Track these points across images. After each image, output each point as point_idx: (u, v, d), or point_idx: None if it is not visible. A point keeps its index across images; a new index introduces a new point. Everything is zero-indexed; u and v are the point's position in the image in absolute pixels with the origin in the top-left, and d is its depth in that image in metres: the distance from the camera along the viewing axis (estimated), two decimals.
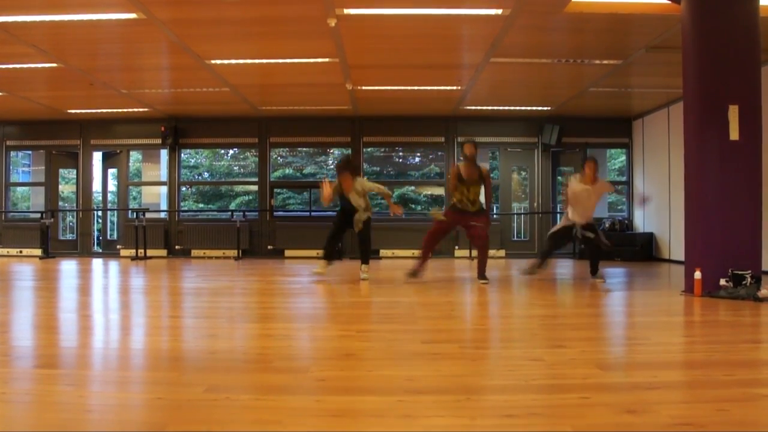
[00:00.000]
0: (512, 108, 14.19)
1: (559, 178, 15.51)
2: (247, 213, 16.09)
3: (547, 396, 3.10)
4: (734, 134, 6.94)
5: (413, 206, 20.45)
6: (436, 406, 2.89)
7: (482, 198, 8.82)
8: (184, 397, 2.99)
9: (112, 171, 16.45)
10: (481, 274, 8.73)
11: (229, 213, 16.66)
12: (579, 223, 8.98)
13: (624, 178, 16.31)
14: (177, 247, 15.13)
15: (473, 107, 14.04)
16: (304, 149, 20.13)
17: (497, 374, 3.55)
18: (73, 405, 2.89)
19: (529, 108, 14.18)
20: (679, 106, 10.53)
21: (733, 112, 6.94)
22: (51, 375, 3.45)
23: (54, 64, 10.17)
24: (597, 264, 9.13)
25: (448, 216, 8.78)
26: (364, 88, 12.12)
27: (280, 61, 10.17)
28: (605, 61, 10.13)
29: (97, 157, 16.15)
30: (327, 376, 3.42)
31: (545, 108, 14.11)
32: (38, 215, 15.08)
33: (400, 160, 21.09)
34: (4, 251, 15.17)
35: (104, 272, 11.05)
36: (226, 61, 10.20)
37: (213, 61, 10.16)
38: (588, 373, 3.48)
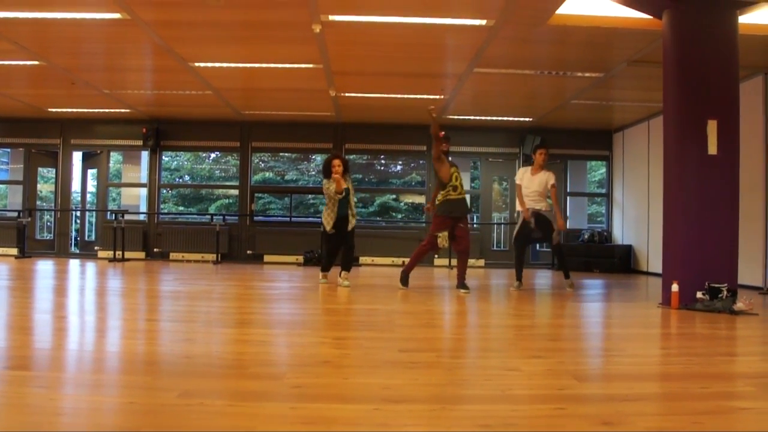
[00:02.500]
0: (494, 118, 14.25)
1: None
2: (227, 217, 16.02)
3: (523, 406, 3.09)
4: (713, 149, 7.01)
5: (394, 214, 20.46)
6: (412, 415, 2.88)
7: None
8: (158, 402, 2.96)
9: (91, 171, 16.34)
10: (462, 283, 8.69)
11: (209, 216, 16.58)
12: (532, 209, 8.96)
13: (604, 190, 16.42)
14: (155, 249, 15.04)
15: (456, 116, 14.09)
16: (286, 154, 20.08)
17: (474, 384, 3.54)
18: (44, 408, 2.85)
19: (511, 118, 14.24)
20: (659, 120, 10.63)
21: (712, 127, 7.01)
22: (23, 377, 3.40)
23: (36, 62, 10.10)
24: (566, 269, 9.32)
25: (444, 227, 8.62)
26: (347, 94, 12.13)
27: (264, 65, 10.16)
28: (587, 74, 10.21)
29: (77, 157, 16.04)
30: (303, 383, 3.40)
31: (527, 119, 14.18)
32: (15, 214, 14.92)
33: (382, 168, 21.09)
34: None
35: (81, 273, 10.96)
36: (209, 64, 10.17)
37: (197, 64, 10.13)
38: (564, 384, 3.49)
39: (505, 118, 14.26)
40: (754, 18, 7.56)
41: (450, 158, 8.77)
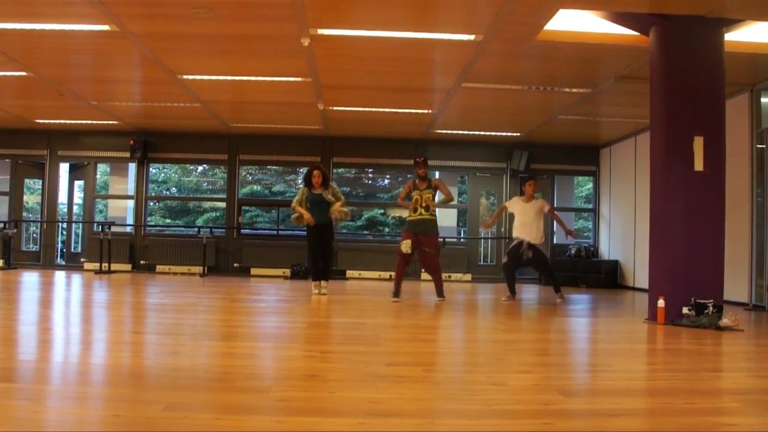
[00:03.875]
0: (482, 133, 14.30)
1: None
2: (214, 230, 15.96)
3: (510, 421, 3.09)
4: (699, 165, 7.05)
5: (381, 228, 20.45)
6: (398, 429, 2.87)
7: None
8: (143, 415, 2.94)
9: (78, 183, 16.25)
10: (440, 293, 9.17)
11: (196, 229, 16.52)
12: (526, 240, 9.28)
13: (591, 206, 16.48)
14: (142, 261, 14.95)
15: (444, 131, 14.12)
16: (274, 167, 20.05)
17: (461, 398, 3.54)
18: (28, 420, 2.83)
19: (498, 133, 14.29)
20: (645, 136, 10.68)
21: (698, 144, 7.05)
22: (7, 389, 3.37)
23: (23, 73, 10.05)
24: (557, 283, 9.63)
25: (405, 238, 9.05)
26: (335, 108, 12.14)
27: (253, 78, 10.16)
28: (575, 90, 10.26)
29: (64, 168, 15.95)
30: (289, 397, 3.39)
31: (515, 134, 14.23)
32: (1, 225, 14.81)
33: (370, 182, 21.10)
34: None
35: (67, 285, 10.89)
36: (198, 77, 10.16)
37: (185, 77, 10.11)
38: (551, 399, 3.49)
39: (493, 133, 14.31)
40: (740, 35, 7.63)
41: (427, 177, 9.25)
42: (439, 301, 8.97)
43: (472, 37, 7.90)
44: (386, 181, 21.14)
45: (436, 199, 9.18)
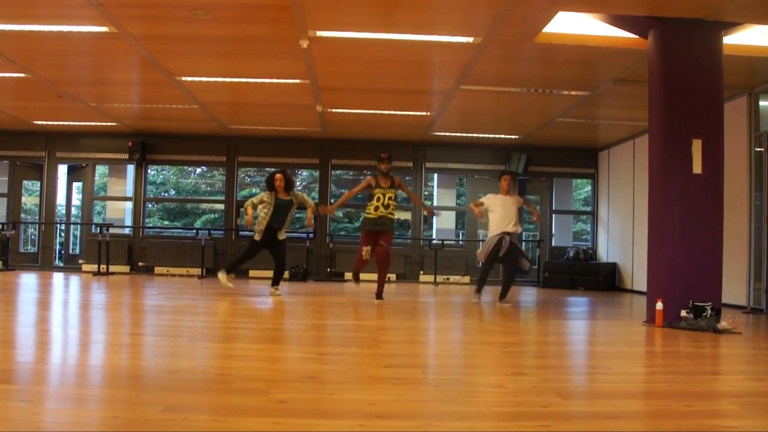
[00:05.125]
0: (481, 135, 14.30)
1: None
2: (212, 231, 15.94)
3: (508, 423, 3.09)
4: (697, 168, 7.06)
5: None
6: (396, 431, 2.87)
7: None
8: (141, 416, 2.94)
9: (77, 184, 16.22)
10: (379, 294, 9.07)
11: (195, 231, 16.50)
12: (506, 230, 9.10)
13: (589, 208, 16.50)
14: (140, 263, 14.94)
15: (442, 133, 14.13)
16: (272, 169, 20.00)
17: (459, 400, 3.54)
18: (26, 422, 2.83)
19: (497, 136, 14.29)
20: (644, 139, 10.70)
21: (697, 146, 7.06)
22: (5, 390, 3.37)
23: (21, 74, 10.05)
24: (508, 289, 9.31)
25: (367, 241, 8.98)
26: (334, 110, 12.14)
27: (251, 80, 10.16)
28: (573, 92, 10.27)
29: (63, 170, 15.93)
30: (287, 399, 3.39)
31: (513, 136, 14.23)
32: None
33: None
34: None
35: (65, 287, 10.88)
36: (196, 79, 10.16)
37: (183, 78, 10.11)
38: (549, 401, 3.49)
39: (491, 136, 14.31)
40: (739, 39, 7.63)
41: (390, 175, 9.07)
42: (378, 303, 8.83)
43: (470, 39, 7.90)
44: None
45: (397, 198, 9.11)
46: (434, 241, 15.04)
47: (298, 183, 21.24)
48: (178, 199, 21.91)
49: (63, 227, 16.39)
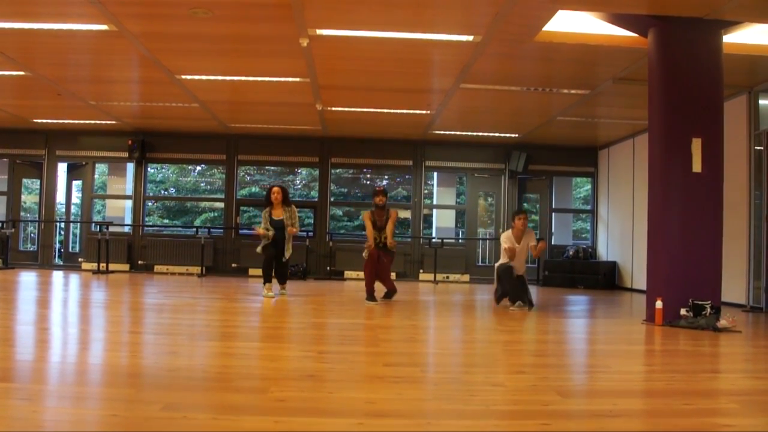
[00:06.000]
0: (481, 134, 14.30)
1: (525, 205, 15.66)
2: (212, 230, 15.94)
3: (507, 422, 3.09)
4: (697, 167, 7.06)
5: None
6: (396, 429, 2.87)
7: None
8: (141, 415, 2.94)
9: (76, 183, 16.22)
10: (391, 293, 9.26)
11: (194, 229, 16.50)
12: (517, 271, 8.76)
13: (589, 207, 16.49)
14: (140, 262, 14.93)
15: (442, 132, 14.12)
16: (272, 168, 20.03)
17: (458, 399, 3.54)
18: (25, 420, 2.83)
19: (497, 134, 14.28)
20: (644, 138, 10.69)
21: (696, 145, 7.06)
22: (5, 389, 3.37)
23: (21, 72, 10.04)
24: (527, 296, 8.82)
25: (372, 253, 8.99)
26: (333, 109, 12.13)
27: (251, 79, 10.15)
28: (573, 91, 10.26)
29: (62, 168, 15.93)
30: (287, 397, 3.39)
31: (513, 135, 14.22)
32: None
33: (368, 183, 21.08)
34: None
35: (64, 285, 10.88)
36: (196, 77, 10.15)
37: (183, 77, 10.10)
38: (549, 399, 3.49)
39: (491, 134, 14.30)
40: (739, 37, 7.64)
41: (386, 208, 9.35)
42: (385, 301, 9.08)
43: (470, 37, 7.90)
44: (384, 182, 21.08)
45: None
46: (434, 240, 15.03)
47: (298, 182, 21.23)
48: (178, 197, 21.89)
49: (63, 225, 16.38)
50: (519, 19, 7.21)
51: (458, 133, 14.25)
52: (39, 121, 14.18)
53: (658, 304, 6.97)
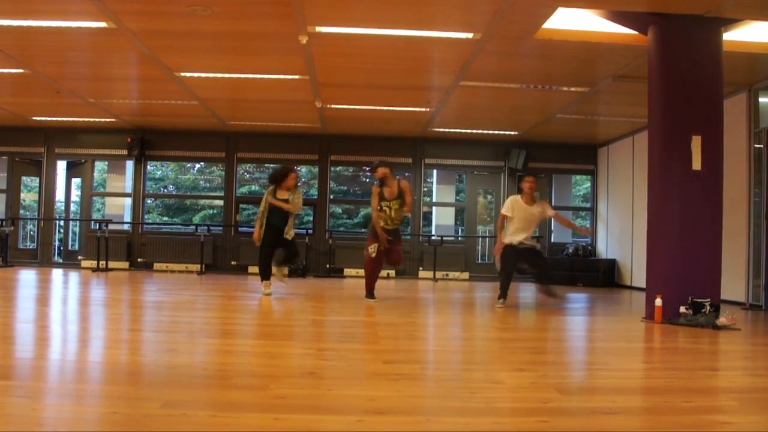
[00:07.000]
0: (480, 131, 14.30)
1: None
2: (211, 227, 15.94)
3: (507, 419, 3.10)
4: (696, 164, 7.06)
5: None
6: (396, 427, 2.88)
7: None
8: (141, 412, 2.94)
9: (76, 180, 16.22)
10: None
11: (194, 227, 16.50)
12: (519, 241, 8.47)
13: (588, 204, 16.50)
14: (139, 259, 14.94)
15: (441, 129, 14.12)
16: (272, 165, 20.00)
17: (458, 396, 3.54)
18: (25, 418, 2.83)
19: (496, 132, 14.29)
20: (643, 135, 10.69)
21: (696, 143, 7.06)
22: (4, 386, 3.37)
23: (20, 70, 10.03)
24: (548, 283, 8.85)
25: (372, 241, 8.78)
26: (333, 106, 12.13)
27: (250, 76, 10.15)
28: (573, 89, 10.26)
29: (62, 165, 15.93)
30: (286, 394, 3.39)
31: (513, 132, 14.23)
32: None
33: (367, 180, 21.08)
34: None
35: (64, 283, 10.88)
36: (195, 74, 10.15)
37: (183, 74, 10.10)
38: (548, 397, 3.49)
39: (491, 132, 14.31)
40: (738, 35, 7.64)
41: (397, 180, 9.07)
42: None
43: (470, 35, 7.89)
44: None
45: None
46: (433, 237, 15.04)
47: (297, 180, 21.20)
48: (178, 195, 21.89)
49: (62, 223, 16.38)
50: (519, 16, 7.21)
51: (458, 130, 14.25)
52: (38, 118, 14.17)
53: (658, 301, 6.98)
